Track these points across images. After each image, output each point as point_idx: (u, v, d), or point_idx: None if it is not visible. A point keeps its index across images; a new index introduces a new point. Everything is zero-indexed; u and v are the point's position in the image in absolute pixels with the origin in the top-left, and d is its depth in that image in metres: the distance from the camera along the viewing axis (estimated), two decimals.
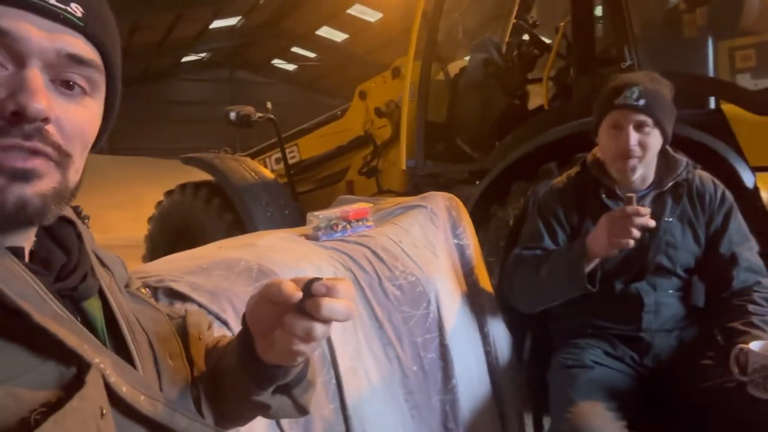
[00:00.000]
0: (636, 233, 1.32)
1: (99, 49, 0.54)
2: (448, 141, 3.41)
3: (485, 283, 1.73)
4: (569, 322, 1.59)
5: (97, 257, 0.66)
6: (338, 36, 15.46)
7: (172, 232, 3.88)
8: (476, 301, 1.66)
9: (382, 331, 1.36)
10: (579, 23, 2.69)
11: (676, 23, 2.62)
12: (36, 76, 0.48)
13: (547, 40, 3.33)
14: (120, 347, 0.60)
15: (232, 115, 3.51)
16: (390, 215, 1.67)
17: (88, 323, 0.57)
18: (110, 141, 17.24)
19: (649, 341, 1.47)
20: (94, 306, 0.59)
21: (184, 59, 17.19)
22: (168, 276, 1.20)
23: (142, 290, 0.73)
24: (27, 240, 0.55)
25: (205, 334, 0.78)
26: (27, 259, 0.55)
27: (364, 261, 1.41)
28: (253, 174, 3.52)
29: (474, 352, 1.59)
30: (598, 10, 2.87)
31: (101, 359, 0.51)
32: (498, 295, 1.73)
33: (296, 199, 3.71)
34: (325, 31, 15.22)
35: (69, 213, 0.63)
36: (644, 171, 1.48)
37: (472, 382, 1.54)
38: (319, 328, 0.55)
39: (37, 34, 0.48)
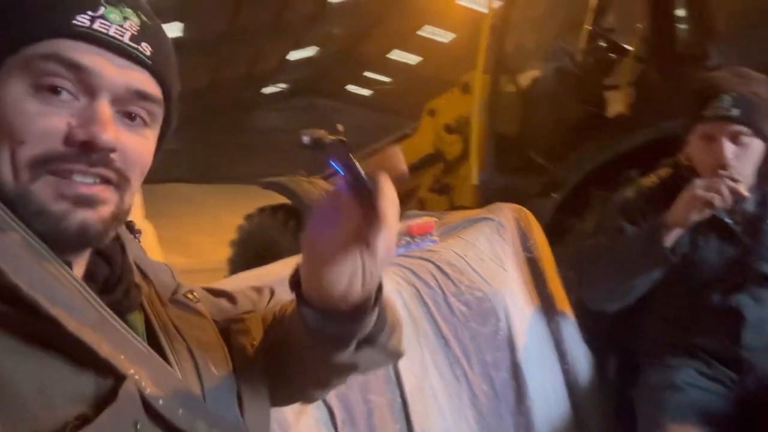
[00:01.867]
0: (725, 192, 1.18)
1: (162, 85, 0.58)
2: (521, 153, 3.31)
3: (561, 298, 1.63)
4: (658, 339, 1.45)
5: (139, 268, 0.67)
6: (411, 59, 15.64)
7: (252, 254, 3.99)
8: (552, 317, 1.57)
9: (448, 348, 1.31)
10: (658, 23, 2.55)
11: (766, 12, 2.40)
12: (106, 108, 0.52)
13: (625, 45, 3.17)
14: (160, 357, 0.60)
15: (305, 138, 3.55)
16: (455, 229, 1.63)
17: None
18: (198, 170, 18.34)
19: (751, 361, 1.31)
20: (136, 319, 0.60)
21: (266, 90, 18.01)
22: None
23: (190, 295, 0.72)
24: (82, 256, 0.57)
25: (258, 339, 0.76)
26: (82, 273, 0.57)
27: (429, 276, 1.37)
28: (323, 194, 3.58)
29: (550, 371, 1.49)
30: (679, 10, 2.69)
31: (138, 369, 0.51)
32: (577, 311, 1.63)
33: None
34: (397, 55, 15.45)
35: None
36: (744, 180, 1.33)
37: (548, 403, 1.45)
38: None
39: (110, 70, 0.52)
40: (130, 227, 0.73)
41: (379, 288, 0.60)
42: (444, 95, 3.86)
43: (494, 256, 1.53)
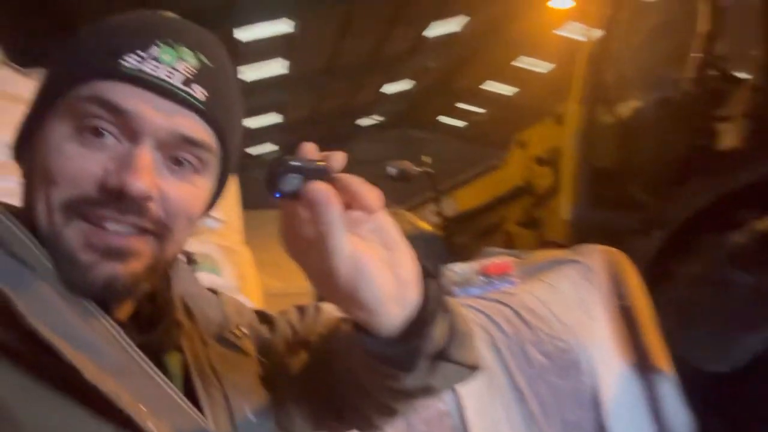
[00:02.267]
0: None
1: (216, 131, 0.55)
2: (619, 187, 3.12)
3: (658, 352, 1.45)
4: None
5: (184, 305, 0.65)
6: (506, 89, 15.48)
7: None
8: (646, 374, 1.40)
9: (524, 403, 1.20)
10: None
11: None
12: (145, 154, 0.50)
13: (738, 74, 2.91)
14: (195, 401, 0.56)
15: (391, 170, 3.61)
16: (537, 271, 1.51)
17: (168, 378, 0.55)
18: None
19: None
20: (173, 360, 0.58)
21: (362, 123, 18.56)
22: None
23: (236, 331, 0.68)
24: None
25: (297, 366, 0.71)
26: (128, 309, 0.56)
27: (505, 322, 1.27)
28: (409, 226, 3.56)
29: None
30: None
31: (158, 422, 0.48)
32: (677, 368, 1.44)
33: (453, 251, 3.65)
34: (493, 86, 15.36)
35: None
36: None
37: None
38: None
39: (154, 115, 0.50)
40: (189, 257, 0.71)
41: (438, 292, 0.52)
42: (535, 126, 3.77)
43: (580, 303, 1.40)
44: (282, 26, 9.30)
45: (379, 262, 0.47)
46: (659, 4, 3.80)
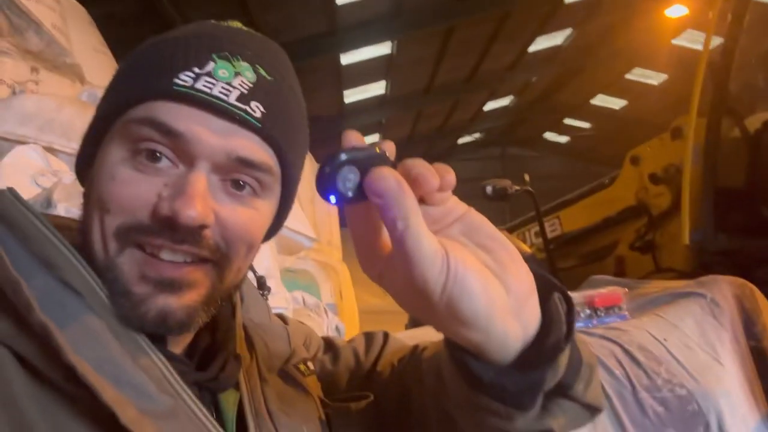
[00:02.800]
0: None
1: (275, 150, 0.51)
2: (749, 209, 2.82)
3: None
4: None
5: (247, 335, 0.61)
6: (615, 103, 14.75)
7: None
8: None
9: None
10: None
11: None
12: (200, 180, 0.47)
13: None
14: None
15: (489, 189, 3.51)
16: (652, 304, 1.35)
17: (220, 419, 0.52)
18: None
19: None
20: (229, 401, 0.54)
21: (460, 141, 18.47)
22: None
23: (302, 366, 0.64)
24: None
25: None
26: (184, 342, 0.54)
27: (613, 362, 1.14)
28: None
29: None
30: None
31: None
32: None
33: (556, 276, 3.45)
34: (600, 100, 14.70)
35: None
36: None
37: None
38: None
39: (209, 136, 0.47)
40: (261, 284, 0.69)
41: (563, 308, 0.43)
42: (650, 142, 3.53)
43: (705, 344, 1.22)
44: (383, 49, 9.51)
45: (480, 265, 0.39)
46: None
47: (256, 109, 0.48)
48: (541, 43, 11.13)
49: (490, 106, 14.98)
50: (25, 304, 0.40)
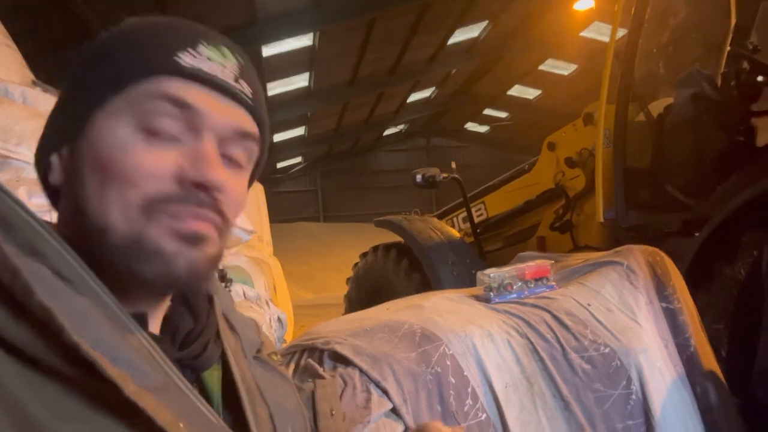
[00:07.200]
0: None
1: (260, 126, 0.57)
2: (655, 188, 3.03)
3: (708, 357, 1.38)
4: None
5: (227, 321, 0.64)
6: (530, 93, 15.37)
7: (367, 292, 4.02)
8: (697, 380, 1.33)
9: (569, 412, 1.15)
10: None
11: None
12: (212, 148, 0.52)
13: None
14: (238, 419, 0.56)
15: (418, 177, 3.59)
16: (576, 274, 1.46)
17: (205, 396, 0.54)
18: (324, 210, 19.26)
19: None
20: (212, 377, 0.57)
21: (386, 132, 18.61)
22: (334, 338, 1.18)
23: (274, 357, 0.69)
24: (160, 306, 0.56)
25: (338, 408, 0.70)
26: (159, 324, 0.56)
27: (544, 327, 1.22)
28: (439, 234, 3.51)
29: None
30: None
31: None
32: (729, 376, 1.37)
33: (484, 258, 3.58)
34: (516, 90, 15.27)
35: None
36: None
37: None
38: None
39: (217, 110, 0.52)
40: (222, 276, 0.71)
41: None
42: (564, 128, 3.69)
43: (624, 307, 1.34)
44: (305, 41, 9.38)
45: None
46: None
47: (246, 88, 0.55)
48: (460, 35, 11.39)
49: (414, 97, 15.18)
50: (25, 289, 0.40)
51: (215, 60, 0.52)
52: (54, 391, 0.41)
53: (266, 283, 2.83)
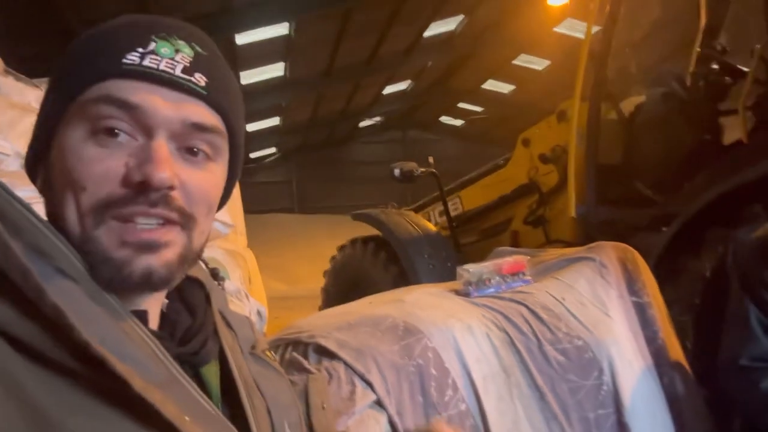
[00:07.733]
0: None
1: (222, 116, 0.56)
2: (625, 184, 3.10)
3: (675, 349, 1.45)
4: None
5: (224, 318, 0.65)
6: (504, 87, 15.48)
7: (344, 285, 4.03)
8: (664, 371, 1.39)
9: (544, 402, 1.19)
10: None
11: None
12: (162, 146, 0.51)
13: (741, 67, 2.90)
14: (237, 413, 0.58)
15: (396, 171, 3.61)
16: (551, 269, 1.50)
17: (204, 390, 0.56)
18: (299, 201, 19.14)
19: None
20: (211, 372, 0.58)
21: (362, 124, 18.55)
22: (318, 332, 1.20)
23: (268, 353, 0.71)
24: (155, 303, 0.57)
25: (329, 401, 0.73)
26: (157, 320, 0.57)
27: (521, 320, 1.27)
28: (415, 227, 3.55)
29: None
30: None
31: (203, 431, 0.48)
32: (695, 367, 1.44)
33: (460, 251, 3.63)
34: (491, 84, 15.36)
35: (202, 275, 0.65)
36: None
37: None
38: None
39: (163, 105, 0.51)
40: (215, 274, 0.72)
41: None
42: (539, 124, 3.74)
43: (596, 301, 1.39)
44: (280, 29, 9.27)
45: None
46: None
47: (200, 79, 0.54)
48: (436, 28, 11.40)
49: (390, 89, 15.15)
50: (36, 289, 0.41)
51: (164, 55, 0.52)
52: (63, 386, 0.43)
53: (242, 276, 2.82)
